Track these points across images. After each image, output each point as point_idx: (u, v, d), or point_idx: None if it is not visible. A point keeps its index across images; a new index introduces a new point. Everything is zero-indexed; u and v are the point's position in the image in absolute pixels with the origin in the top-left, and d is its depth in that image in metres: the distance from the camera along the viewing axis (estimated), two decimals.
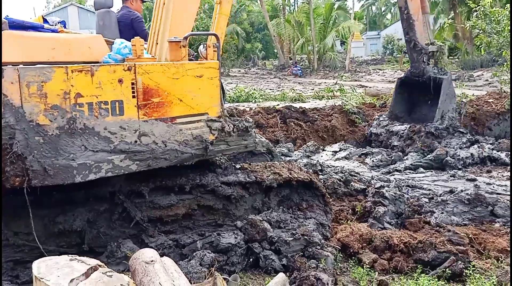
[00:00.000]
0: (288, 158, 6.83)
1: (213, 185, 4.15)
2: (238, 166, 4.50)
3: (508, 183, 5.86)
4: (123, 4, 5.44)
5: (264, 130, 8.02)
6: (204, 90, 3.87)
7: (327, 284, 3.16)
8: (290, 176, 4.34)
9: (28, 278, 3.76)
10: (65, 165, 3.27)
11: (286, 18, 30.32)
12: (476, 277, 3.46)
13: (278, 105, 11.98)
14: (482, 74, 21.62)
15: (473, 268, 3.58)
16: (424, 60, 8.46)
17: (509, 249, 3.91)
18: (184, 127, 3.78)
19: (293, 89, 16.04)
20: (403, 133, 8.13)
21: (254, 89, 15.45)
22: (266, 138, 6.61)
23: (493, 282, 3.36)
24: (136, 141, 3.54)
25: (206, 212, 4.24)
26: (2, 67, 3.20)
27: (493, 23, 10.19)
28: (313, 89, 17.47)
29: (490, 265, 3.70)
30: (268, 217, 4.12)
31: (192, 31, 4.93)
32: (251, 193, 4.31)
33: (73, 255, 2.58)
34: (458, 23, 34.77)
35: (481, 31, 10.60)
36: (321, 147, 7.48)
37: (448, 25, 35.23)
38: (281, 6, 31.10)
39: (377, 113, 9.22)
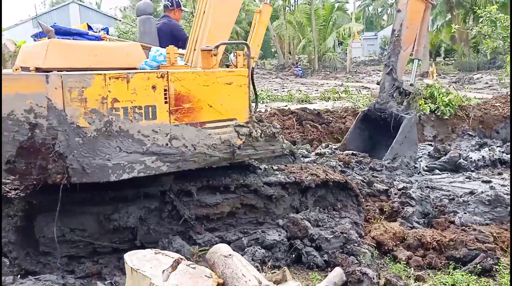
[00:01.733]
0: (307, 159, 7.09)
1: (256, 185, 4.41)
2: (275, 167, 4.78)
3: None
4: (164, 13, 5.69)
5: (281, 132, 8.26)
6: (233, 97, 4.09)
7: (373, 278, 3.43)
8: (326, 177, 4.61)
9: (83, 273, 4.00)
10: (101, 164, 3.52)
11: (287, 19, 30.61)
12: (505, 272, 3.76)
13: (286, 106, 12.28)
14: (482, 77, 22.05)
15: (502, 264, 3.88)
16: (394, 94, 7.68)
17: None
18: (213, 131, 4.00)
19: (299, 90, 16.33)
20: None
21: (262, 90, 15.71)
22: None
23: None
24: (167, 144, 3.77)
25: (248, 211, 4.50)
26: (48, 73, 3.47)
27: (499, 29, 10.51)
28: (317, 90, 17.76)
29: None
30: (307, 216, 4.39)
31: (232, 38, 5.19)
32: (290, 193, 4.58)
33: (155, 249, 2.84)
34: (455, 25, 35.41)
35: (487, 36, 10.92)
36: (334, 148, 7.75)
37: (445, 27, 35.78)
38: (281, 7, 31.36)
39: None
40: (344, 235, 4.11)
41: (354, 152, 7.29)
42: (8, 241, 3.98)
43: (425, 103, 8.87)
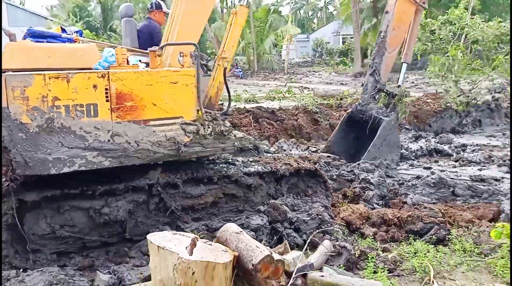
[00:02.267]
0: (269, 154, 7.53)
1: (237, 175, 4.76)
2: (251, 159, 5.17)
3: (458, 169, 7.09)
4: (147, 15, 5.85)
5: (238, 129, 8.66)
6: (179, 96, 4.21)
7: (351, 250, 3.94)
8: (298, 166, 5.07)
9: (75, 267, 4.12)
10: (42, 158, 3.75)
11: (226, 20, 31.01)
12: (457, 241, 4.44)
13: (235, 105, 12.67)
14: (408, 77, 23.80)
15: (453, 235, 4.57)
16: (376, 96, 7.57)
17: (474, 220, 4.96)
18: (157, 129, 4.13)
19: (245, 91, 16.81)
20: None
21: None
22: None
23: (470, 244, 4.36)
24: (109, 140, 3.95)
25: (229, 200, 4.84)
26: (3, 73, 3.64)
27: (427, 33, 11.67)
28: (260, 90, 18.34)
29: (463, 232, 4.71)
30: (284, 202, 4.82)
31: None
32: (266, 182, 4.98)
33: (173, 231, 3.12)
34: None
35: (417, 39, 12.04)
36: (294, 142, 8.28)
37: (371, 30, 37.98)
38: (220, 9, 31.74)
39: (334, 112, 10.23)
40: (319, 216, 4.60)
41: (331, 155, 7.18)
42: None
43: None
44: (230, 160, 4.97)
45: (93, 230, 4.33)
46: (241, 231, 3.06)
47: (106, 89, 3.90)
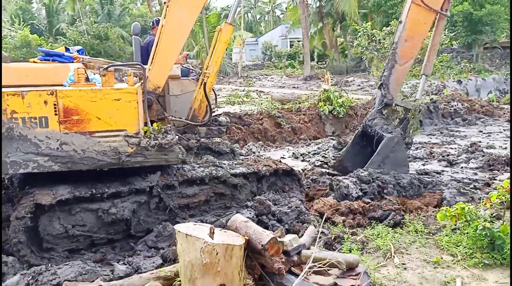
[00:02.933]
0: (242, 157, 8.25)
1: (225, 176, 5.45)
2: (235, 162, 5.86)
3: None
4: (151, 31, 6.38)
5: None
6: (122, 111, 4.66)
7: (328, 234, 4.76)
8: (277, 166, 5.84)
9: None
10: (3, 161, 4.45)
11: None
12: (410, 224, 5.39)
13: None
14: (354, 79, 25.41)
15: (406, 219, 5.52)
16: (383, 111, 7.22)
17: (422, 207, 5.95)
18: (102, 140, 4.64)
19: None
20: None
21: None
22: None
23: (420, 225, 5.32)
24: (57, 148, 4.53)
25: (218, 198, 5.51)
26: None
27: (373, 42, 12.87)
28: (218, 95, 18.97)
29: (414, 217, 5.67)
30: (267, 197, 5.56)
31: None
32: (250, 181, 5.70)
33: (193, 222, 3.76)
34: (325, 33, 39.55)
35: (364, 48, 13.26)
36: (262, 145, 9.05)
37: (318, 34, 39.55)
38: None
39: (295, 116, 11.12)
40: (298, 208, 5.38)
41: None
42: (18, 241, 4.46)
43: (324, 105, 10.63)
44: (218, 163, 5.64)
45: (101, 229, 4.86)
46: (247, 220, 3.76)
47: (55, 104, 4.51)
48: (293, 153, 8.92)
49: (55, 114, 4.51)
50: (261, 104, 14.37)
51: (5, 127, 4.39)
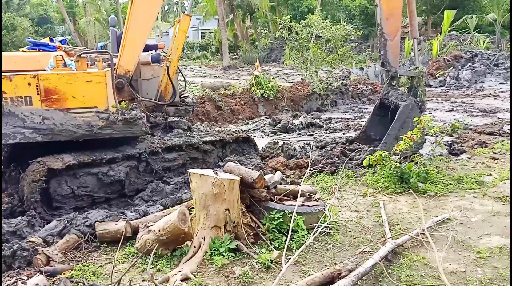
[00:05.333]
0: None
1: (198, 144, 6.63)
2: (204, 132, 7.04)
3: (330, 134, 9.93)
4: None
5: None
6: (93, 91, 5.57)
7: (286, 180, 6.20)
8: (237, 135, 7.14)
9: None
10: None
11: (95, 16, 30.77)
12: (343, 172, 7.04)
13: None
14: (270, 69, 27.26)
15: (339, 169, 7.16)
16: (393, 83, 8.02)
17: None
18: (77, 115, 5.55)
19: None
20: None
21: None
22: None
23: (350, 172, 6.99)
24: (40, 122, 5.46)
25: (192, 162, 6.68)
26: None
27: (293, 33, 14.54)
28: None
29: (345, 167, 7.34)
30: (233, 159, 6.84)
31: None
32: (216, 147, 6.94)
33: (198, 169, 4.93)
34: (236, 24, 41.14)
35: (286, 39, 14.91)
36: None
37: (229, 26, 40.77)
38: (83, 4, 31.22)
39: (231, 100, 12.43)
40: (259, 166, 6.74)
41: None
42: (35, 200, 5.27)
43: (257, 89, 12.08)
44: (189, 134, 6.79)
45: (100, 189, 5.80)
46: (238, 164, 5.04)
47: (37, 86, 5.46)
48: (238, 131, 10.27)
49: (37, 94, 5.43)
50: (192, 91, 15.39)
51: None
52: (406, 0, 7.91)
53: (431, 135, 8.33)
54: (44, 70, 5.71)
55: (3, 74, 5.33)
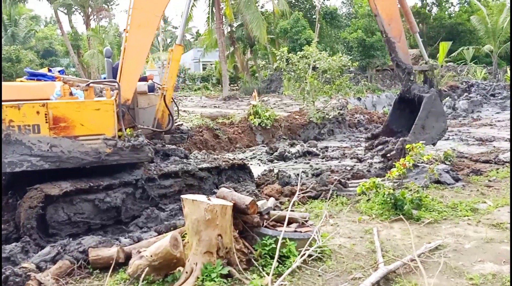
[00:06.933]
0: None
1: (194, 171, 6.72)
2: (200, 159, 7.14)
3: (326, 162, 10.01)
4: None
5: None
6: (101, 119, 5.74)
7: (280, 206, 6.25)
8: (233, 162, 7.24)
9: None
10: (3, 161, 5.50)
11: (99, 49, 31.44)
12: (337, 198, 7.08)
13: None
14: (269, 99, 27.54)
15: (334, 196, 7.21)
16: (411, 78, 8.57)
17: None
18: (85, 142, 5.77)
19: None
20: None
21: None
22: None
23: (345, 199, 7.04)
24: (48, 150, 5.60)
25: (188, 188, 6.75)
26: None
27: (290, 65, 14.88)
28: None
29: (339, 194, 7.38)
30: (228, 186, 6.91)
31: None
32: (212, 174, 7.02)
33: (191, 195, 5.00)
34: (237, 56, 41.92)
35: (283, 69, 15.22)
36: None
37: (230, 58, 41.51)
38: (88, 37, 32.00)
39: (229, 128, 12.59)
40: (254, 193, 6.80)
41: None
42: (31, 226, 5.31)
43: (254, 118, 12.27)
44: (185, 161, 6.89)
45: (96, 216, 5.85)
46: (231, 190, 5.11)
47: (46, 114, 5.58)
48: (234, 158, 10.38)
49: (46, 122, 5.53)
50: (192, 121, 15.60)
51: (4, 134, 5.32)
52: (399, 2, 8.43)
53: (426, 163, 8.41)
54: (47, 99, 5.83)
55: (10, 103, 5.42)
